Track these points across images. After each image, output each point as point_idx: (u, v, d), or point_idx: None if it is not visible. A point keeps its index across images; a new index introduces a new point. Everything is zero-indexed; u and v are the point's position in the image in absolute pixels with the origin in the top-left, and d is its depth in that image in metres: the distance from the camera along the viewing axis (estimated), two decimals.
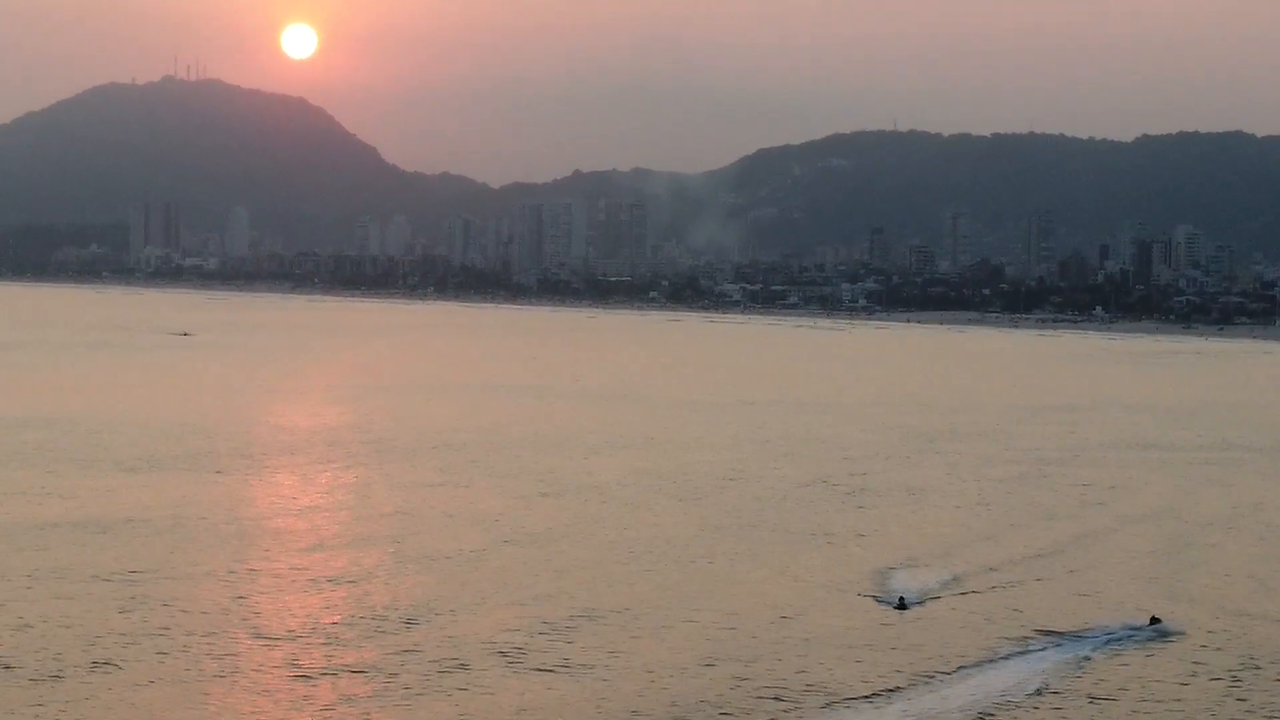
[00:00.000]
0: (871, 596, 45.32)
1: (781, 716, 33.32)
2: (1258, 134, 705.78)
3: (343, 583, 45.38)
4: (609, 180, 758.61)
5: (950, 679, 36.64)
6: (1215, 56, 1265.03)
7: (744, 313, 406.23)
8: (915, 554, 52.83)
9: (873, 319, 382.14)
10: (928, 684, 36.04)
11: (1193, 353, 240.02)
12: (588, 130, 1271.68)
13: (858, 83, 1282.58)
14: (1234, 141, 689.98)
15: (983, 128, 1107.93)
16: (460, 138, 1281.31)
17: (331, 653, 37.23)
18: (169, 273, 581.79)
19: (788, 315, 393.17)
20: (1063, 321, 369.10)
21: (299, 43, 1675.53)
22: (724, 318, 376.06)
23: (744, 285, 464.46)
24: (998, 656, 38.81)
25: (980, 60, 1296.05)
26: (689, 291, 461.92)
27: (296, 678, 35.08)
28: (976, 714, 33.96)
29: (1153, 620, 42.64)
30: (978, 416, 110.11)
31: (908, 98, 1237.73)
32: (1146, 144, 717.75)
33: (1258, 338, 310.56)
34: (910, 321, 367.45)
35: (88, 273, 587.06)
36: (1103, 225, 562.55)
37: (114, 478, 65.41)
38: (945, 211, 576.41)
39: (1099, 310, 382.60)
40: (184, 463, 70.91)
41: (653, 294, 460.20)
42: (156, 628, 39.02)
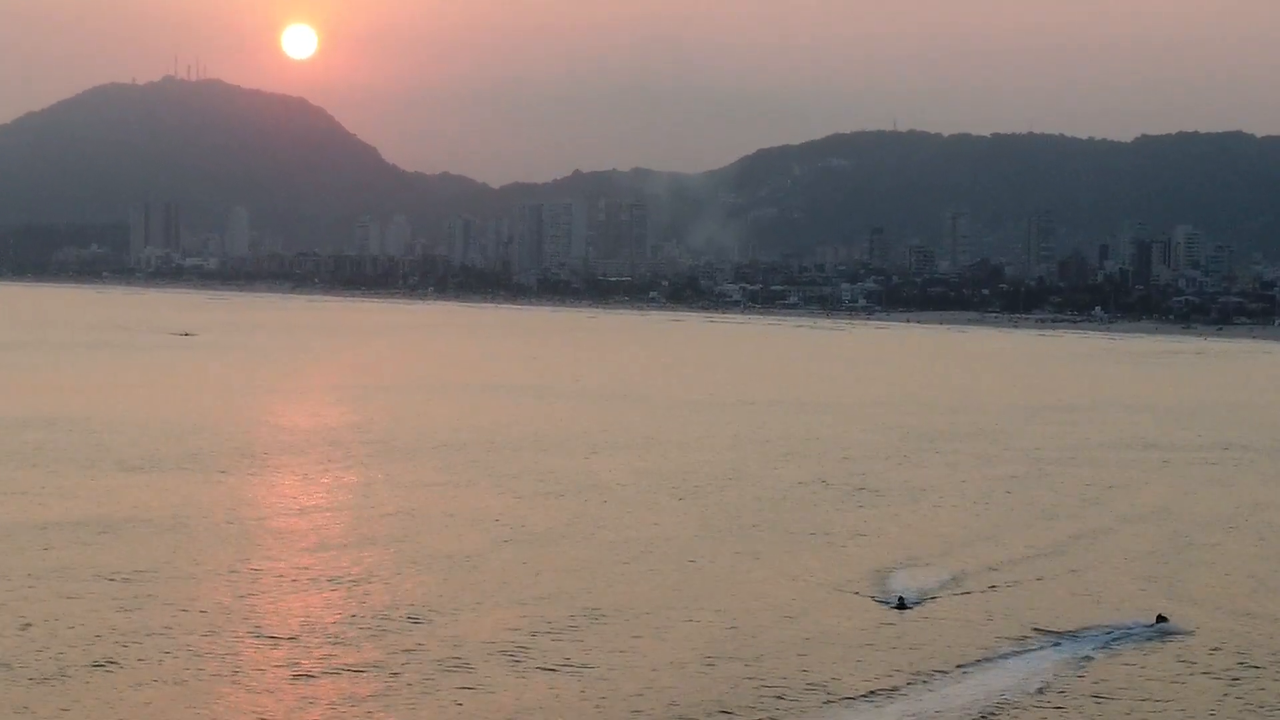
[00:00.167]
0: (871, 596, 45.43)
1: (782, 716, 33.43)
2: (1257, 134, 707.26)
3: (344, 582, 45.49)
4: (609, 180, 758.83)
5: (951, 678, 36.72)
6: (1215, 57, 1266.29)
7: (744, 313, 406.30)
8: (915, 553, 52.93)
9: (872, 319, 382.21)
10: (927, 684, 36.10)
11: (1192, 353, 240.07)
12: (588, 130, 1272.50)
13: (858, 83, 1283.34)
14: (1233, 142, 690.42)
15: (982, 128, 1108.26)
16: (460, 138, 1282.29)
17: (333, 652, 37.33)
18: (169, 273, 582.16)
19: (788, 315, 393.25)
20: (1062, 321, 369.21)
21: (299, 43, 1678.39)
22: (724, 318, 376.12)
23: (744, 285, 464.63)
24: (1000, 655, 38.91)
25: (980, 60, 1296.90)
26: (689, 291, 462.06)
27: (298, 677, 35.17)
28: (979, 713, 34.02)
29: (1159, 619, 42.78)
30: (977, 416, 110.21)
31: (908, 98, 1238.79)
32: (1146, 144, 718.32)
33: (1257, 338, 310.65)
34: (910, 321, 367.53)
35: (88, 273, 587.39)
36: (1102, 225, 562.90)
37: (116, 477, 65.52)
38: (945, 211, 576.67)
39: (1098, 310, 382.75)
40: (186, 462, 71.03)
41: (652, 294, 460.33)
42: (158, 627, 39.12)
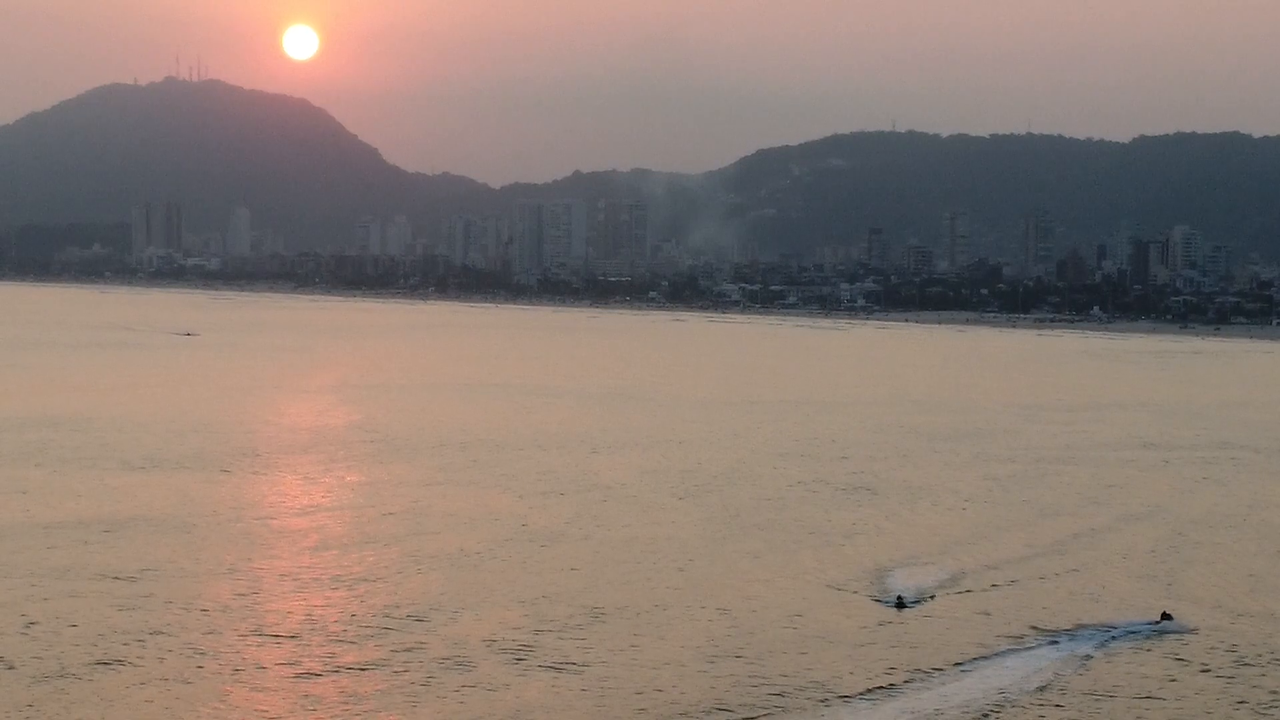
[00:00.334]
0: (870, 596, 45.60)
1: (782, 714, 33.61)
2: (1254, 135, 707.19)
3: (346, 581, 45.67)
4: (609, 180, 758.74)
5: (950, 677, 36.86)
6: (1212, 58, 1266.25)
7: (744, 313, 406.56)
8: (914, 553, 53.10)
9: (871, 319, 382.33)
10: (926, 682, 36.28)
11: (1190, 352, 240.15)
12: (588, 130, 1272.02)
13: (857, 83, 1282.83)
14: (1231, 142, 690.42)
15: (981, 128, 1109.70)
16: (461, 138, 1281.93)
17: (335, 651, 37.50)
18: (171, 273, 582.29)
19: (788, 315, 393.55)
20: (1060, 321, 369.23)
21: (300, 44, 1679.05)
22: (725, 318, 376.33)
23: (743, 285, 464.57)
24: (999, 654, 39.04)
25: (979, 61, 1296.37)
26: (688, 291, 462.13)
27: (302, 675, 35.34)
28: (978, 712, 34.16)
29: (1164, 616, 42.99)
30: (976, 416, 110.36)
31: (907, 98, 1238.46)
32: (1144, 144, 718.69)
33: (1254, 337, 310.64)
34: (909, 321, 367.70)
35: (90, 273, 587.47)
36: (1100, 225, 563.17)
37: (119, 477, 65.71)
38: (943, 212, 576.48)
39: (1096, 310, 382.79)
40: (189, 462, 71.22)
41: (652, 294, 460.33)
42: (161, 626, 39.29)
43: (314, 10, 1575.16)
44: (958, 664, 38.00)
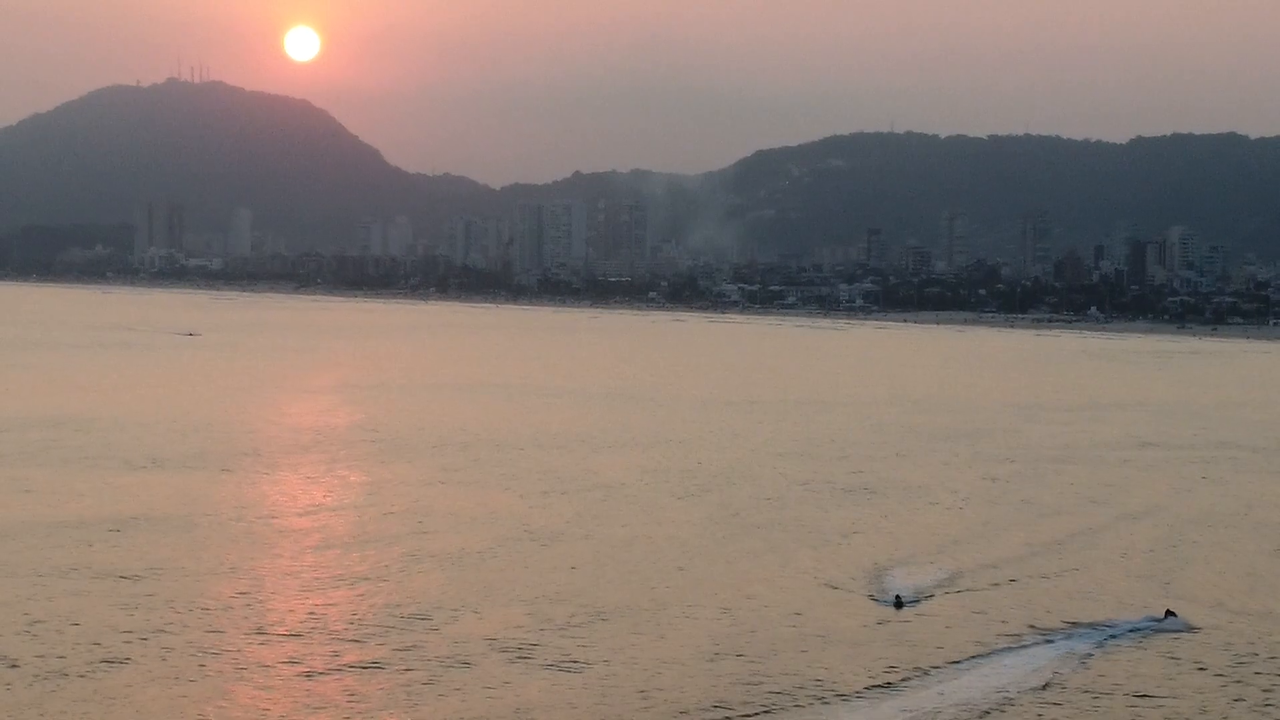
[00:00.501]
0: (869, 595, 45.76)
1: (781, 713, 33.80)
2: (1251, 135, 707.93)
3: (349, 581, 45.84)
4: (609, 181, 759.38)
5: (948, 675, 37.00)
6: (1209, 59, 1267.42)
7: (743, 313, 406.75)
8: (912, 552, 53.26)
9: (870, 319, 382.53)
10: (924, 681, 36.44)
11: (1187, 352, 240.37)
12: (588, 131, 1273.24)
13: (856, 84, 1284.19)
14: (1228, 143, 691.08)
15: (979, 129, 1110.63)
16: (461, 139, 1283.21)
17: (338, 650, 37.67)
18: (173, 273, 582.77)
19: (787, 315, 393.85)
20: (1058, 321, 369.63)
21: (302, 45, 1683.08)
22: (725, 318, 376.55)
23: (742, 286, 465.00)
24: (998, 652, 39.20)
25: (977, 62, 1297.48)
26: (688, 292, 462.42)
27: (304, 675, 35.48)
28: (977, 710, 34.28)
29: (1168, 614, 43.19)
30: (974, 415, 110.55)
31: (905, 99, 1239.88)
32: (1141, 145, 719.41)
33: (1251, 337, 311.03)
34: (907, 322, 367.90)
35: (93, 273, 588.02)
36: (1098, 226, 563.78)
37: (122, 476, 65.86)
38: (942, 212, 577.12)
39: (1094, 310, 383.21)
40: (191, 461, 71.39)
41: (652, 294, 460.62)
42: (164, 625, 39.45)
43: (315, 12, 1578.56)
44: (956, 663, 38.15)
